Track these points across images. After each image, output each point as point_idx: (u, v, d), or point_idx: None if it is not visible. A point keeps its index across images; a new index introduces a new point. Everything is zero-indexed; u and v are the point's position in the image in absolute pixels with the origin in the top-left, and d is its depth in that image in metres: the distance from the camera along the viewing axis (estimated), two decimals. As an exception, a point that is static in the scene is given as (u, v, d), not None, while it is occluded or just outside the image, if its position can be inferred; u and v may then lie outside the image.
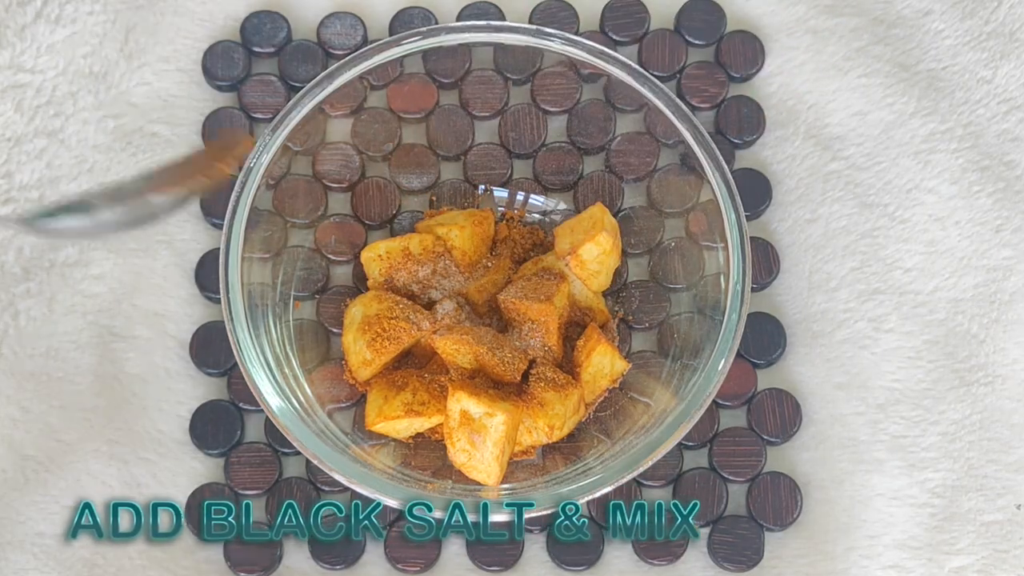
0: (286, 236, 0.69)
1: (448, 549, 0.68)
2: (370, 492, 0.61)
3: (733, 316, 0.63)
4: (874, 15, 0.75)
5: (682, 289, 0.69)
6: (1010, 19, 0.75)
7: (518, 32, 0.66)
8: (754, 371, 0.69)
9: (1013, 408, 0.70)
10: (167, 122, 0.73)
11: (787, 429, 0.69)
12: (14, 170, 0.71)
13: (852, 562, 0.67)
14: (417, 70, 0.71)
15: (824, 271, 0.71)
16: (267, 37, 0.73)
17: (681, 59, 0.74)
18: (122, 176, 0.71)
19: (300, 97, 0.66)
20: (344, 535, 0.67)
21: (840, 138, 0.73)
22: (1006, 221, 0.72)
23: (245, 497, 0.68)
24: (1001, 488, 0.69)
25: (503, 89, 0.72)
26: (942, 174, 0.73)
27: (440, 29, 0.67)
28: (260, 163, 0.64)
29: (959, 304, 0.71)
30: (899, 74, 0.74)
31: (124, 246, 0.71)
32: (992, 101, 0.74)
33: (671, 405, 0.63)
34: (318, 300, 0.69)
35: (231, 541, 0.67)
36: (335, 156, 0.70)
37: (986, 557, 0.68)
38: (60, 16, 0.73)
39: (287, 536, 0.67)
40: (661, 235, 0.70)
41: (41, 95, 0.72)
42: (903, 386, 0.70)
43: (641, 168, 0.71)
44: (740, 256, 0.63)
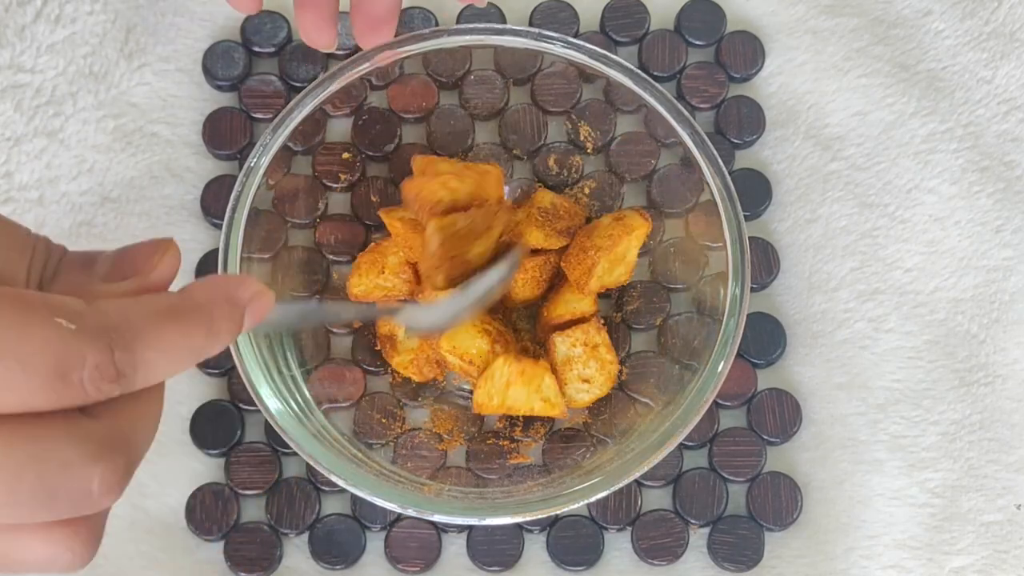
0: (286, 236, 0.69)
1: (448, 549, 0.68)
2: (367, 495, 0.61)
3: (732, 318, 0.63)
4: (874, 15, 0.75)
5: (682, 289, 0.69)
6: (1010, 19, 0.75)
7: (518, 35, 0.66)
8: (754, 371, 0.69)
9: (1013, 408, 0.70)
10: (167, 122, 0.73)
11: (787, 429, 0.69)
12: (13, 170, 0.71)
13: (852, 562, 0.67)
14: (417, 70, 0.71)
15: (824, 271, 0.71)
16: (267, 37, 0.73)
17: (681, 59, 0.74)
18: (122, 176, 0.71)
19: (301, 97, 0.66)
20: (344, 535, 0.67)
21: (840, 138, 0.73)
22: (1006, 221, 0.72)
23: (245, 497, 0.68)
24: (1001, 488, 0.69)
25: (503, 89, 0.72)
26: (942, 174, 0.73)
27: (441, 31, 0.67)
28: (260, 163, 0.64)
29: (959, 304, 0.71)
30: (899, 74, 0.74)
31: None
32: (992, 101, 0.74)
33: (671, 406, 0.63)
34: (317, 300, 0.69)
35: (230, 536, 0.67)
36: (335, 156, 0.70)
37: (986, 557, 0.68)
38: (60, 16, 0.73)
39: (287, 536, 0.67)
40: (661, 235, 0.70)
41: (41, 95, 0.72)
42: (903, 386, 0.70)
43: (641, 168, 0.71)
44: (739, 257, 0.63)
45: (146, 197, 0.71)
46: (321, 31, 0.63)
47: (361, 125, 0.71)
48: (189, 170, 0.72)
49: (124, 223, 0.71)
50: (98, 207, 0.71)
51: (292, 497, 0.67)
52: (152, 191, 0.72)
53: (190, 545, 0.67)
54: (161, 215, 0.71)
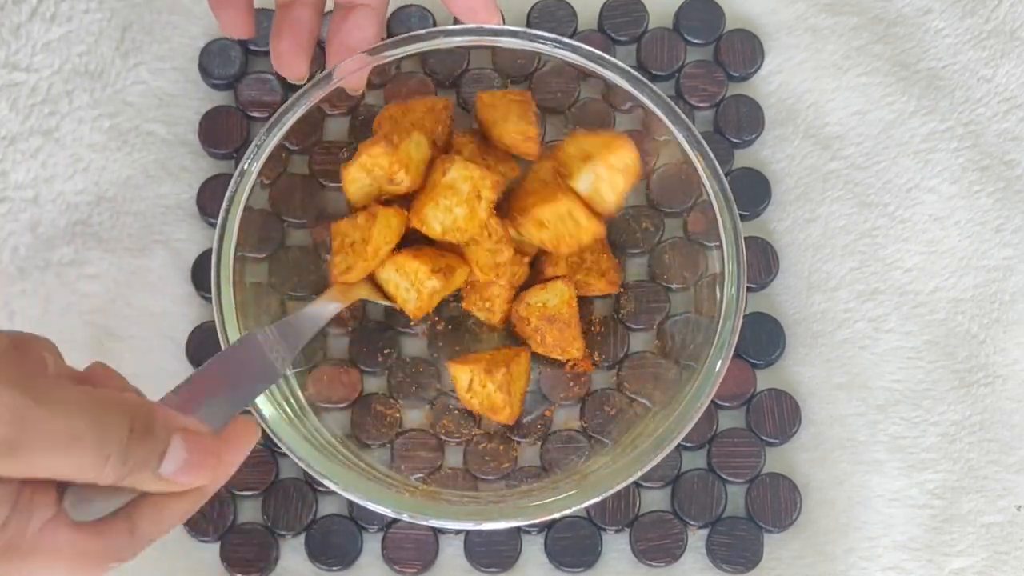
0: (282, 236, 0.69)
1: (445, 551, 0.67)
2: (360, 499, 0.60)
3: (729, 319, 0.62)
4: (874, 13, 0.75)
5: (680, 289, 0.68)
6: (1010, 18, 0.75)
7: (515, 36, 0.66)
8: (753, 371, 0.69)
9: (1013, 409, 0.70)
10: (163, 121, 0.73)
11: (786, 430, 0.68)
12: (9, 169, 0.71)
13: (851, 564, 0.67)
14: (415, 69, 0.71)
15: (823, 271, 0.71)
16: (264, 35, 0.73)
17: (680, 58, 0.73)
18: (117, 175, 0.71)
19: (297, 96, 0.65)
20: (341, 536, 0.67)
21: (840, 137, 0.73)
22: (1006, 221, 0.72)
23: (241, 498, 0.67)
24: (1001, 489, 0.68)
25: (501, 88, 0.72)
26: (942, 173, 0.72)
27: (437, 32, 0.66)
28: (255, 162, 0.64)
29: (959, 304, 0.71)
30: (899, 73, 0.74)
31: (120, 245, 0.70)
32: (992, 100, 0.74)
33: (669, 407, 0.63)
34: (313, 300, 0.69)
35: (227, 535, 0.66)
36: (332, 155, 0.70)
37: (986, 559, 0.67)
38: (56, 14, 0.73)
39: (283, 537, 0.67)
40: (660, 235, 0.70)
41: (36, 93, 0.72)
42: (903, 386, 0.70)
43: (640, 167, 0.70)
44: (735, 260, 0.63)
45: (142, 196, 0.71)
46: (295, 61, 0.64)
47: (358, 124, 0.70)
48: (185, 169, 0.72)
49: (120, 222, 0.71)
50: (94, 206, 0.71)
51: (289, 498, 0.67)
52: (148, 190, 0.71)
53: (186, 546, 0.67)
54: (157, 214, 0.71)
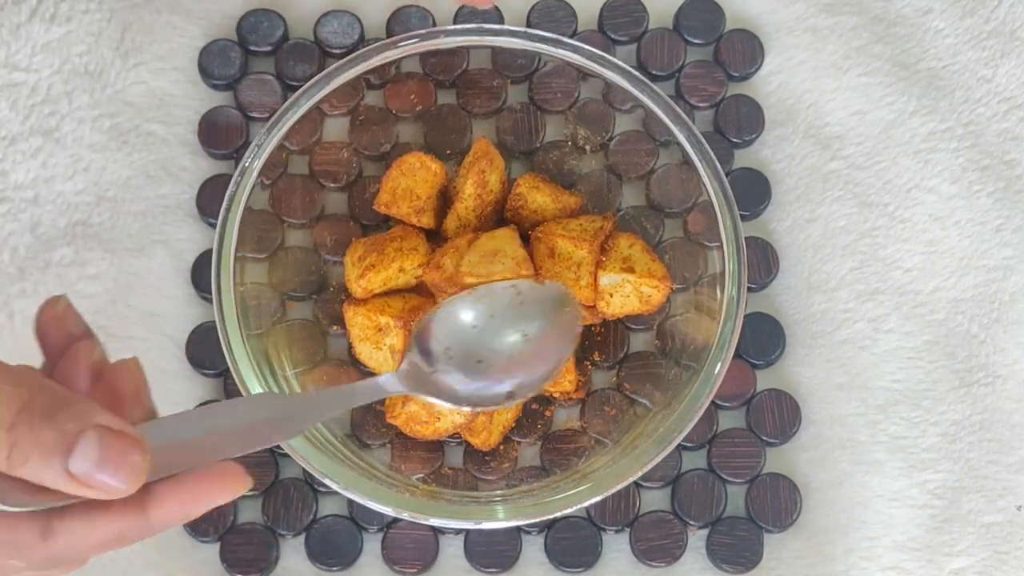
0: (282, 236, 0.69)
1: (445, 551, 0.67)
2: (361, 498, 0.60)
3: (729, 319, 0.62)
4: (874, 13, 0.75)
5: (680, 289, 0.68)
6: (1010, 18, 0.75)
7: (515, 36, 0.66)
8: (753, 372, 0.69)
9: (1013, 408, 0.70)
10: (163, 121, 0.72)
11: (786, 430, 0.68)
12: (9, 169, 0.71)
13: (852, 564, 0.67)
14: (415, 69, 0.71)
15: (823, 271, 0.71)
16: (264, 36, 0.73)
17: (680, 58, 0.73)
18: (117, 176, 0.71)
19: (297, 96, 0.65)
20: (341, 536, 0.67)
21: (840, 137, 0.73)
22: (1006, 221, 0.72)
23: (242, 497, 0.67)
24: (1001, 489, 0.68)
25: (501, 88, 0.72)
26: (942, 173, 0.72)
27: (437, 32, 0.66)
28: (255, 162, 0.64)
29: (959, 304, 0.71)
30: (899, 73, 0.74)
31: (120, 246, 0.70)
32: (992, 100, 0.74)
33: (669, 407, 0.63)
34: (314, 301, 0.69)
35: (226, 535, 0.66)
36: (332, 155, 0.70)
37: (986, 559, 0.67)
38: (55, 14, 0.73)
39: (284, 537, 0.67)
40: (660, 235, 0.70)
41: (36, 94, 0.72)
42: (903, 387, 0.70)
43: (640, 167, 0.70)
44: (736, 260, 0.63)
45: (142, 197, 0.71)
46: None
47: (358, 124, 0.70)
48: (185, 169, 0.72)
49: (120, 223, 0.71)
50: (94, 206, 0.71)
51: (289, 498, 0.67)
52: (148, 190, 0.71)
53: (186, 546, 0.67)
54: (157, 215, 0.71)
